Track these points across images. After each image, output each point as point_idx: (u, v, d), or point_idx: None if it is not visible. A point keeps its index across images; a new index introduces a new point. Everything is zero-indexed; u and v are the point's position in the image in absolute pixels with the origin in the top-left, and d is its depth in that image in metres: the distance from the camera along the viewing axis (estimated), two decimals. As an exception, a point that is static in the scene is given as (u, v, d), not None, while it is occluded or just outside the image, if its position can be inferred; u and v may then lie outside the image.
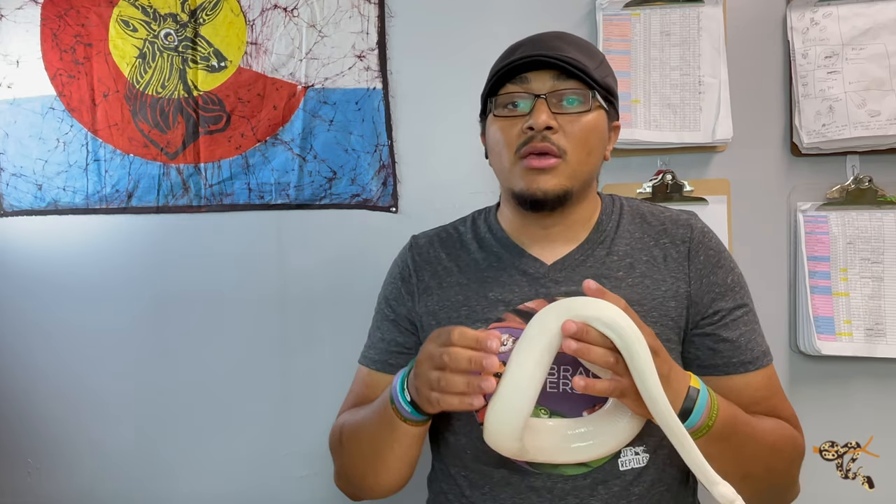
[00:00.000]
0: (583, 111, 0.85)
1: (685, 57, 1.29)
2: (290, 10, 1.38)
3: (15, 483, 1.45)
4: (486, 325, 0.88)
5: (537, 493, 0.84)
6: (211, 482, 1.42)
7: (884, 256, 1.24)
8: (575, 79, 0.84)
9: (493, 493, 0.87)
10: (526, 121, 0.84)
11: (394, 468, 0.88)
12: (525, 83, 0.85)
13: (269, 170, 1.39)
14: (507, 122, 0.86)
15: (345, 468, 0.95)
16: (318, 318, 1.40)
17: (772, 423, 0.86)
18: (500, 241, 0.94)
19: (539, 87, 0.84)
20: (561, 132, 0.84)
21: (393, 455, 0.86)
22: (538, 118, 0.82)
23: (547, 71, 0.84)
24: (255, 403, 1.41)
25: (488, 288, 0.90)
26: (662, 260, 0.89)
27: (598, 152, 0.88)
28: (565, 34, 0.91)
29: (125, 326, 1.42)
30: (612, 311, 0.70)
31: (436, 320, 0.92)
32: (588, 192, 0.91)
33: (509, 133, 0.85)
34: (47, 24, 1.41)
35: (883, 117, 1.21)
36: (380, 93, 1.37)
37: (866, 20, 1.23)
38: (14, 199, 1.44)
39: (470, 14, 1.36)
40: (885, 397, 1.28)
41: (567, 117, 0.84)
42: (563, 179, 0.84)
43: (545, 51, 0.84)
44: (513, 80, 0.86)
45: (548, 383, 0.85)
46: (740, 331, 0.88)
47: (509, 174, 0.87)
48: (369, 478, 0.91)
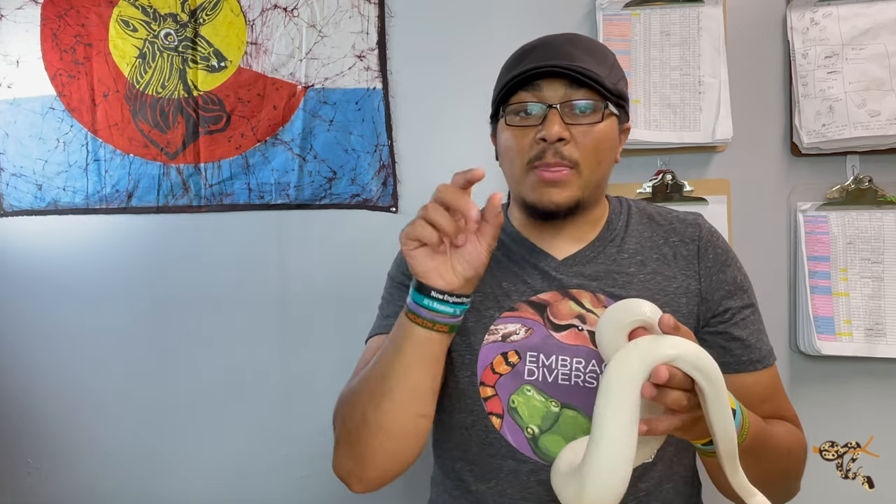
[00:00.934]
0: (595, 121, 0.84)
1: (685, 57, 1.29)
2: (290, 10, 1.38)
3: (15, 483, 1.45)
4: (500, 312, 0.89)
5: (545, 487, 0.84)
6: (211, 482, 1.42)
7: (884, 256, 1.24)
8: (587, 87, 0.83)
9: (499, 487, 0.87)
10: (538, 131, 0.83)
11: (399, 399, 0.78)
12: (537, 91, 0.84)
13: (269, 170, 1.39)
14: (519, 131, 0.85)
15: (347, 422, 0.84)
16: (318, 318, 1.40)
17: (785, 429, 0.88)
18: (512, 238, 0.94)
19: (551, 97, 0.83)
20: (573, 143, 0.83)
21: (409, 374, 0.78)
22: (551, 129, 0.81)
23: (559, 79, 0.83)
24: (255, 403, 1.41)
25: (502, 278, 0.91)
26: (672, 257, 0.90)
27: (609, 159, 0.88)
28: (577, 37, 0.89)
29: (125, 326, 1.42)
30: (695, 350, 0.67)
31: None
32: (599, 196, 0.91)
33: (521, 142, 0.85)
34: (47, 24, 1.41)
35: (883, 117, 1.21)
36: (380, 93, 1.37)
37: (866, 20, 1.23)
38: (14, 199, 1.44)
39: (470, 14, 1.36)
40: (885, 397, 1.28)
41: (579, 128, 0.83)
42: (575, 190, 0.84)
43: (557, 58, 0.83)
44: (525, 87, 0.85)
45: (560, 375, 0.85)
46: (749, 329, 0.89)
47: (521, 183, 0.87)
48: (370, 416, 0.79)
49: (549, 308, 0.88)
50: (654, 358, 0.66)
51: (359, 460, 0.82)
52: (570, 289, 0.88)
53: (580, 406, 0.84)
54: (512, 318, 0.88)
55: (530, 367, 0.86)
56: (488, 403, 0.87)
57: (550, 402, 0.85)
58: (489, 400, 0.87)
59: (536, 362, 0.86)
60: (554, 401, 0.85)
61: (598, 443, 0.66)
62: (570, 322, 0.87)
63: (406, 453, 0.81)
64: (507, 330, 0.88)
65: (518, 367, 0.86)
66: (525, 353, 0.86)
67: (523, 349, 0.87)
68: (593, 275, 0.89)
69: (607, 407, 0.67)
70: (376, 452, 0.80)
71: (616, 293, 0.87)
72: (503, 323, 0.88)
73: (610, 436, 0.66)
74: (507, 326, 0.88)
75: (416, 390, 0.79)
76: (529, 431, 0.85)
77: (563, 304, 0.88)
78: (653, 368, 0.65)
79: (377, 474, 0.83)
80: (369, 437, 0.80)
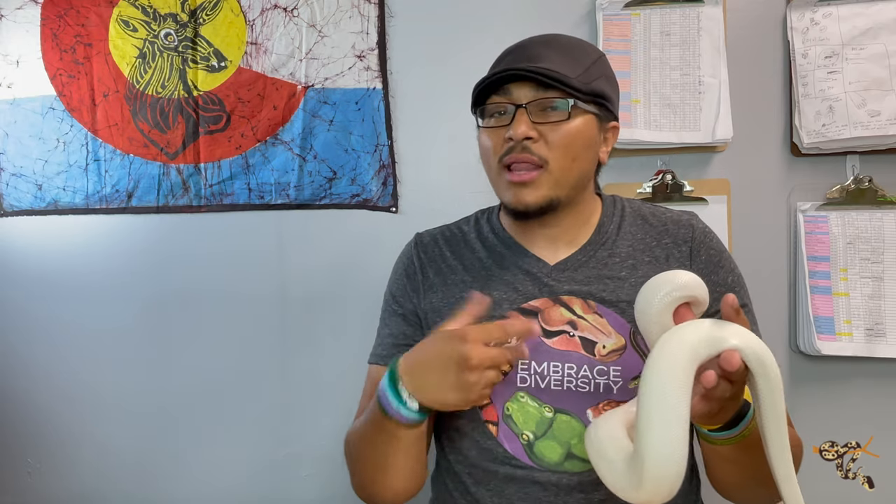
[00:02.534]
0: (562, 119, 0.85)
1: (685, 57, 1.29)
2: (290, 10, 1.38)
3: (15, 483, 1.45)
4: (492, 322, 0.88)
5: (543, 488, 0.84)
6: (211, 481, 1.42)
7: (884, 256, 1.24)
8: (553, 88, 0.84)
9: (497, 489, 0.87)
10: (507, 131, 0.85)
11: (403, 470, 0.86)
12: (507, 94, 0.86)
13: (269, 170, 1.39)
14: (492, 132, 0.88)
15: (356, 475, 0.94)
16: (318, 318, 1.40)
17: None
18: (504, 242, 0.95)
19: (519, 97, 0.85)
20: (542, 141, 0.84)
21: (397, 459, 0.85)
22: (517, 129, 0.84)
23: (527, 81, 0.85)
24: (256, 403, 1.41)
25: (493, 286, 0.91)
26: (665, 260, 0.90)
27: (586, 157, 0.88)
28: (554, 37, 0.91)
29: (125, 326, 1.42)
30: (759, 342, 0.65)
31: (440, 317, 0.92)
32: (582, 196, 0.91)
33: (494, 142, 0.87)
34: (47, 24, 1.41)
35: (883, 117, 1.21)
36: (380, 93, 1.37)
37: (866, 20, 1.23)
38: (14, 199, 1.44)
39: (470, 14, 1.36)
40: (885, 397, 1.28)
41: (549, 126, 0.85)
42: (546, 190, 0.85)
43: (526, 61, 0.85)
44: (497, 90, 0.87)
45: (552, 381, 0.86)
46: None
47: (496, 185, 0.90)
48: (378, 483, 0.88)
49: (540, 315, 0.88)
50: (719, 345, 0.63)
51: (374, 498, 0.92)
52: (561, 295, 0.88)
53: (573, 410, 0.85)
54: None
55: (522, 375, 0.87)
56: (484, 412, 0.88)
57: (544, 407, 0.85)
58: (485, 408, 0.88)
59: (528, 369, 0.87)
60: (547, 406, 0.85)
61: (654, 427, 0.62)
62: (562, 328, 0.87)
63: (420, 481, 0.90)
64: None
65: (510, 375, 0.87)
66: (517, 361, 0.87)
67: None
68: (584, 280, 0.89)
69: (665, 390, 0.62)
70: (388, 496, 0.89)
71: (606, 298, 0.87)
72: None
73: (668, 420, 0.62)
74: None
75: (412, 457, 0.85)
76: (524, 438, 0.86)
77: (555, 310, 0.88)
78: (715, 354, 0.63)
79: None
80: (382, 497, 0.89)
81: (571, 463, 0.84)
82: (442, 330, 0.80)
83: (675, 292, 0.70)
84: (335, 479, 1.38)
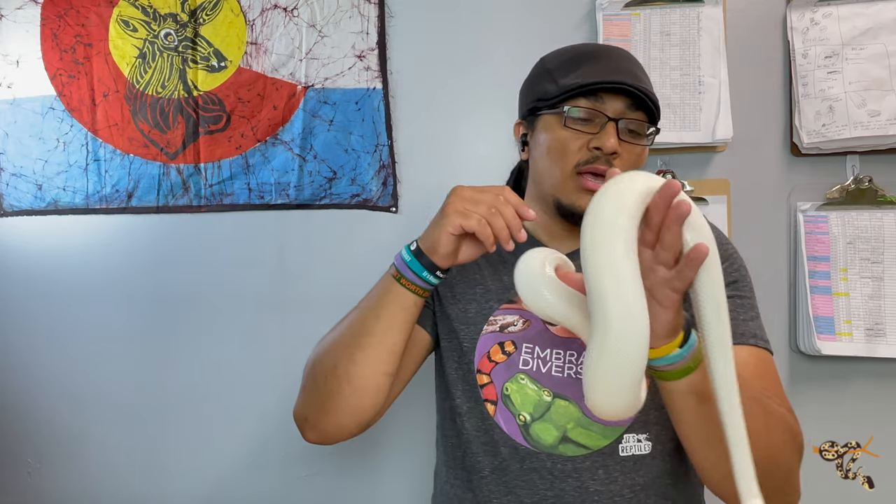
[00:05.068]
0: (644, 144, 0.90)
1: (685, 57, 1.29)
2: (290, 10, 1.38)
3: (15, 483, 1.45)
4: (499, 304, 0.92)
5: (539, 474, 0.86)
6: (211, 482, 1.42)
7: (884, 256, 1.24)
8: (643, 110, 0.88)
9: (494, 476, 0.88)
10: (591, 139, 0.87)
11: (372, 355, 0.83)
12: (599, 102, 0.87)
13: (269, 170, 1.39)
14: (573, 135, 0.88)
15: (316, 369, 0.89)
16: (318, 318, 1.39)
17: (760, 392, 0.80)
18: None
19: (612, 111, 0.87)
20: (620, 159, 0.87)
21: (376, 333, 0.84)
22: (608, 141, 0.85)
23: (620, 94, 0.87)
24: (255, 402, 1.41)
25: (504, 271, 0.94)
26: None
27: None
28: (628, 53, 0.94)
29: (125, 326, 1.42)
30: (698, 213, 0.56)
31: (451, 292, 0.95)
32: None
33: (573, 145, 0.88)
34: (47, 24, 1.41)
35: (883, 117, 1.21)
36: (380, 93, 1.37)
37: (866, 20, 1.23)
38: (14, 199, 1.44)
39: (470, 13, 1.35)
40: (885, 397, 1.28)
41: (628, 145, 0.88)
42: None
43: (621, 74, 0.87)
44: (587, 94, 0.88)
45: (553, 367, 0.88)
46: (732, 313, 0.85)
47: (561, 185, 0.89)
48: (340, 367, 0.85)
49: None
50: (649, 185, 0.55)
51: (319, 408, 0.87)
52: None
53: (572, 396, 0.87)
54: (510, 311, 0.91)
55: (525, 358, 0.89)
56: (484, 391, 0.90)
57: (543, 391, 0.87)
58: (485, 387, 0.90)
59: (532, 353, 0.89)
60: (547, 390, 0.87)
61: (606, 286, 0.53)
62: None
63: (365, 410, 0.85)
64: (505, 321, 0.91)
65: (513, 357, 0.89)
66: (521, 345, 0.89)
67: (520, 340, 0.90)
68: None
69: (607, 263, 0.53)
70: (338, 403, 0.85)
71: None
72: (502, 314, 0.92)
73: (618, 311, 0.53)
74: (506, 318, 0.91)
75: (391, 347, 0.84)
76: (521, 419, 0.87)
77: None
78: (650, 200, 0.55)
79: (333, 427, 0.87)
80: (335, 386, 0.85)
81: (566, 447, 0.86)
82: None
83: (551, 255, 0.70)
84: (335, 479, 1.38)
